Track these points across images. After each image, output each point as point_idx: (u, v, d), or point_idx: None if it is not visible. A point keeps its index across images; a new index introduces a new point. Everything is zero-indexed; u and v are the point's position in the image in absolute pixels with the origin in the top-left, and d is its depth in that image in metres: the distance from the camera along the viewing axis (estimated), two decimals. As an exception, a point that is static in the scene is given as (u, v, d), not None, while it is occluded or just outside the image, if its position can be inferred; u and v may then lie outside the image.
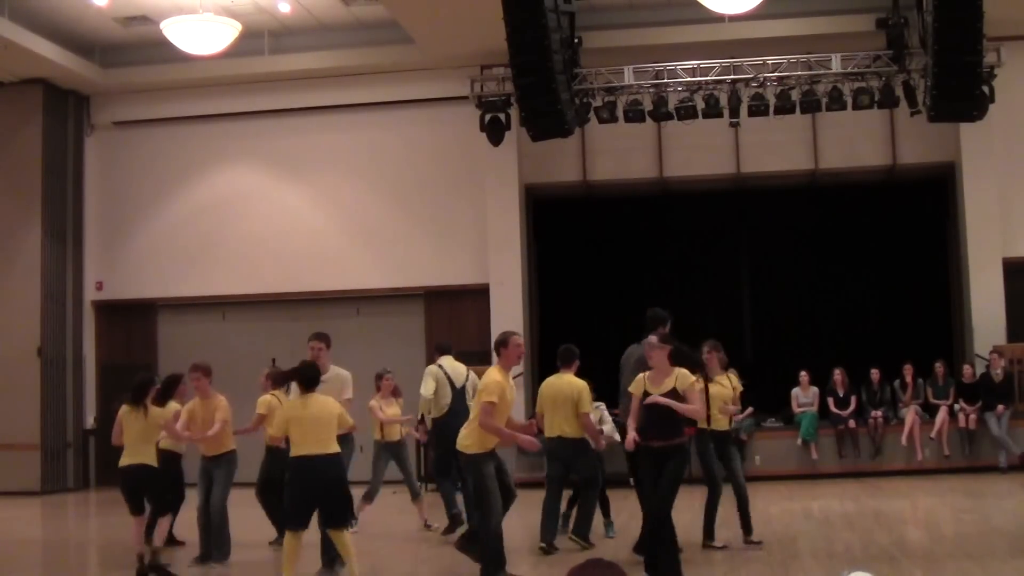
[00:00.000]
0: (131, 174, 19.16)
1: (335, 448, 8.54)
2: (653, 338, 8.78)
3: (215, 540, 10.00)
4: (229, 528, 10.13)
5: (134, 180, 19.13)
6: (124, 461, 9.53)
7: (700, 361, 8.93)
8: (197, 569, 9.93)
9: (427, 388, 11.17)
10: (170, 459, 10.29)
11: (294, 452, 8.51)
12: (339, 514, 8.50)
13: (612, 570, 3.43)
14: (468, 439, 8.58)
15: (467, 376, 11.24)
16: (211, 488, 10.12)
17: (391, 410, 12.04)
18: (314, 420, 8.45)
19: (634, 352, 9.86)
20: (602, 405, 11.39)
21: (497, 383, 8.46)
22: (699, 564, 9.41)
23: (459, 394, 11.11)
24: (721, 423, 10.02)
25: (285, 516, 8.75)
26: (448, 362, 11.36)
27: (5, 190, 18.22)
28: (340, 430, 8.65)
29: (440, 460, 11.28)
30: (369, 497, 11.92)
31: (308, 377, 8.68)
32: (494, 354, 8.86)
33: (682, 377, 8.41)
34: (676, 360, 8.43)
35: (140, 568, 9.45)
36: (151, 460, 9.54)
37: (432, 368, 11.38)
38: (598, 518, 10.71)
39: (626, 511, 11.60)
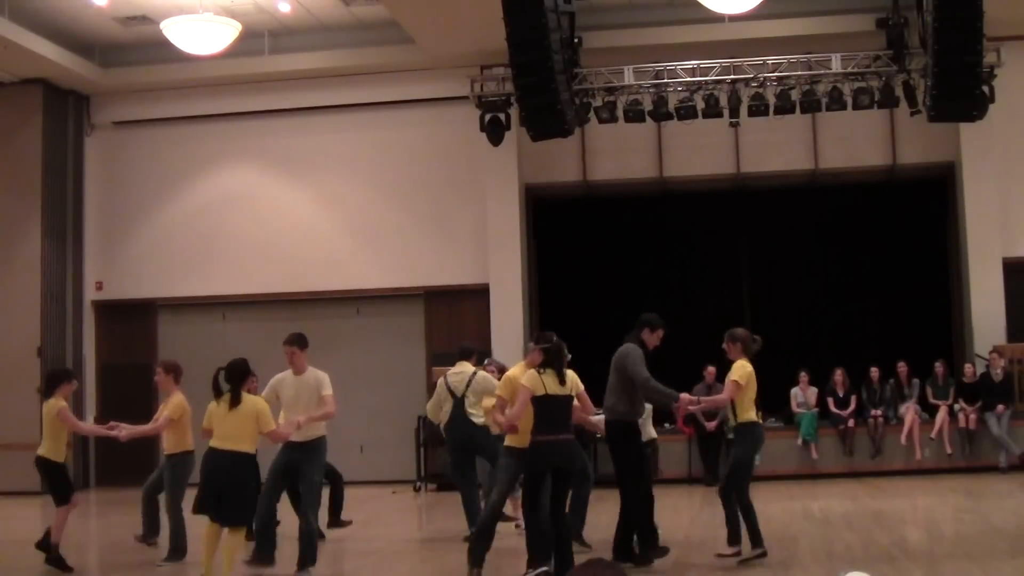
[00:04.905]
0: (131, 174, 19.14)
1: (247, 448, 8.56)
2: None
3: (171, 539, 10.02)
4: (184, 528, 10.02)
5: (134, 180, 19.12)
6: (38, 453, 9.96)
7: (560, 359, 8.68)
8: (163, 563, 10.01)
9: (430, 403, 11.55)
10: (50, 465, 10.03)
11: (210, 443, 8.63)
12: (232, 512, 8.50)
13: (612, 570, 3.43)
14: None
15: (468, 383, 11.13)
16: (156, 482, 10.49)
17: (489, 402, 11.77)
18: (232, 417, 8.50)
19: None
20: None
21: (507, 380, 9.05)
22: (699, 564, 9.41)
23: (458, 402, 11.15)
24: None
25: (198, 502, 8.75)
26: (455, 369, 11.37)
27: (5, 190, 18.20)
28: (262, 429, 8.58)
29: (453, 464, 11.25)
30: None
31: (230, 373, 8.68)
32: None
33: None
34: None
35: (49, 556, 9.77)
36: (48, 453, 9.87)
37: (439, 381, 11.49)
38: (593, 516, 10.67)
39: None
